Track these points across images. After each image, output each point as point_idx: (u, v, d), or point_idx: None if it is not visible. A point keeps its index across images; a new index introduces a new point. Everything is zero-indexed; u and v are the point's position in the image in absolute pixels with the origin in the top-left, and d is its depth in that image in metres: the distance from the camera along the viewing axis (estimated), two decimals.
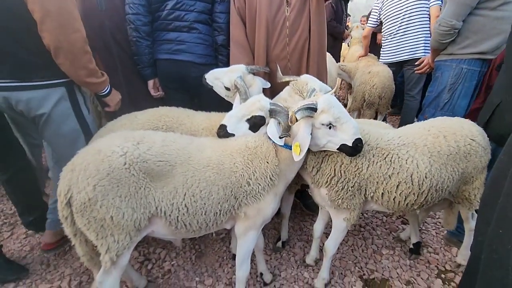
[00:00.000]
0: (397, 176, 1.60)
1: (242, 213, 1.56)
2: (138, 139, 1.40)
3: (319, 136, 1.51)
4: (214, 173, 1.46)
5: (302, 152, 1.44)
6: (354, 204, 1.67)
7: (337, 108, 1.46)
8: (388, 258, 2.27)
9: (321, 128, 1.49)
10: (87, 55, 1.75)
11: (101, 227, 1.33)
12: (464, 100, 2.41)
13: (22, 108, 1.73)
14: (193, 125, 1.88)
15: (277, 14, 2.13)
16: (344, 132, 1.47)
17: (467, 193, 1.79)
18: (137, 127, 1.81)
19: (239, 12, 2.18)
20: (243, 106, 1.66)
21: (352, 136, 1.47)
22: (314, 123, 1.48)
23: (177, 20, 2.24)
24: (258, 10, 2.13)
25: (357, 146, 1.48)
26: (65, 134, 1.86)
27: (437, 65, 2.54)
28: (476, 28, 2.23)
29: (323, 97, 1.48)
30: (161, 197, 1.40)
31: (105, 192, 1.27)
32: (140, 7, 2.19)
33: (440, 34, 2.31)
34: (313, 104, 1.44)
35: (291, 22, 2.13)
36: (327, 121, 1.46)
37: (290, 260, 2.26)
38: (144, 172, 1.34)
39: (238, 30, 2.19)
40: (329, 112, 1.44)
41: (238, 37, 2.20)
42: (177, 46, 2.28)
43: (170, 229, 1.48)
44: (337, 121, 1.46)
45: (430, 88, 2.60)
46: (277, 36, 2.16)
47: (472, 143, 1.67)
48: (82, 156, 1.33)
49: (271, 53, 2.20)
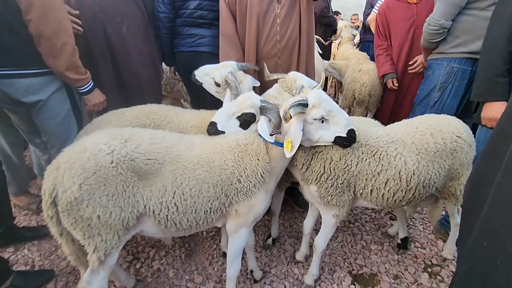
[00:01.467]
0: (385, 173, 1.62)
1: (233, 211, 1.56)
2: (125, 136, 1.37)
3: (312, 131, 1.52)
4: (204, 171, 1.45)
5: (293, 148, 1.44)
6: (343, 201, 1.68)
7: (327, 102, 1.47)
8: (376, 254, 2.31)
9: (314, 123, 1.49)
10: (68, 47, 1.79)
11: (88, 226, 1.31)
12: (454, 100, 2.44)
13: (20, 95, 1.83)
14: (181, 123, 1.86)
15: (268, 10, 2.12)
16: (337, 124, 1.49)
17: (453, 188, 1.83)
18: (125, 124, 1.78)
19: (229, 6, 2.16)
20: (233, 103, 1.65)
21: (345, 128, 1.48)
22: (306, 119, 1.49)
23: (199, 19, 2.50)
24: (249, 6, 2.11)
25: (351, 136, 1.49)
26: (60, 121, 1.99)
27: (429, 64, 2.57)
28: (466, 28, 2.26)
29: (312, 92, 1.49)
30: (150, 196, 1.38)
31: (91, 191, 1.24)
32: (168, 6, 2.47)
33: (429, 33, 2.34)
34: (304, 100, 1.44)
35: (281, 19, 2.12)
36: (319, 115, 1.46)
37: (280, 256, 2.27)
38: (132, 171, 1.31)
39: (228, 25, 2.17)
40: (320, 106, 1.45)
41: (228, 32, 2.18)
42: (199, 40, 2.53)
43: (160, 228, 1.46)
44: (329, 114, 1.47)
45: (421, 87, 2.64)
46: (267, 32, 2.15)
47: (458, 140, 1.70)
48: (67, 154, 1.29)
49: (262, 49, 2.19)
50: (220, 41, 2.22)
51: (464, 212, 1.10)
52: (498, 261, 0.77)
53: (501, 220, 0.79)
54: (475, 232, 0.90)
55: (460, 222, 1.16)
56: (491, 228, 0.82)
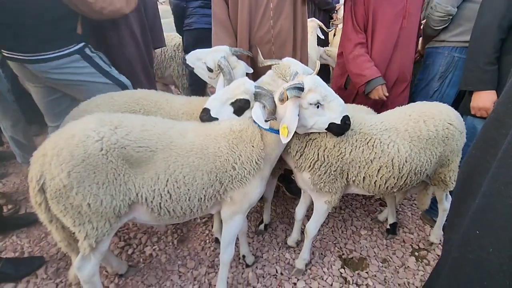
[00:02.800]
0: (378, 160, 1.63)
1: (228, 198, 1.55)
2: (115, 123, 1.33)
3: (306, 116, 1.50)
4: (197, 158, 1.42)
5: (290, 134, 1.42)
6: (336, 188, 1.70)
7: (323, 87, 1.46)
8: (366, 238, 2.36)
9: (309, 108, 1.48)
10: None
11: (78, 214, 1.29)
12: (453, 89, 2.39)
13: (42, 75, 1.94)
14: (172, 110, 1.82)
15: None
16: (332, 110, 1.48)
17: (443, 175, 1.87)
18: (113, 109, 1.73)
19: None
20: (227, 89, 1.61)
21: (340, 114, 1.48)
22: (302, 104, 1.47)
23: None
24: None
25: (345, 123, 1.49)
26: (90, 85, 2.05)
27: (428, 52, 2.49)
28: (469, 16, 2.15)
29: (308, 77, 1.47)
30: (142, 184, 1.35)
31: (80, 179, 1.21)
32: None
33: (434, 20, 2.24)
34: (300, 84, 1.42)
35: (275, 4, 2.04)
36: (315, 100, 1.45)
37: (272, 242, 2.30)
38: (122, 159, 1.28)
39: (220, 9, 2.10)
40: (316, 90, 1.44)
41: (220, 16, 2.10)
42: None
43: (153, 215, 1.45)
44: (325, 99, 1.47)
45: (420, 76, 2.56)
46: (260, 17, 2.07)
47: (450, 127, 1.72)
48: (54, 141, 1.24)
49: (255, 35, 2.13)
50: (213, 26, 2.15)
51: (456, 200, 1.12)
52: (491, 249, 0.79)
53: (496, 210, 0.80)
54: (468, 221, 0.91)
55: (450, 209, 1.18)
56: (485, 218, 0.83)
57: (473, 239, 0.86)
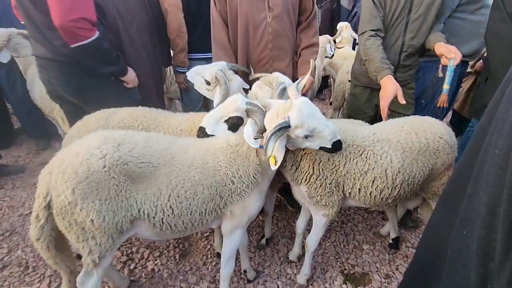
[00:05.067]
0: (372, 171, 1.67)
1: (228, 212, 1.58)
2: (118, 140, 1.39)
3: (297, 142, 1.53)
4: (198, 173, 1.47)
5: (277, 163, 1.45)
6: (333, 201, 1.72)
7: (311, 119, 1.41)
8: (368, 253, 2.35)
9: (298, 138, 1.48)
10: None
11: (82, 230, 1.33)
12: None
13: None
14: (170, 127, 1.89)
15: (259, 19, 2.10)
16: (322, 139, 1.48)
17: (436, 188, 1.89)
18: (112, 124, 1.81)
19: (221, 14, 2.17)
20: (220, 107, 1.67)
21: (329, 141, 1.48)
22: (290, 135, 1.47)
23: None
24: (240, 15, 2.10)
25: (336, 147, 1.51)
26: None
27: (420, 66, 2.58)
28: (455, 31, 2.27)
29: (295, 110, 1.41)
30: (144, 200, 1.40)
31: (84, 195, 1.26)
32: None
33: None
34: (286, 123, 1.38)
35: (273, 28, 2.11)
36: (303, 135, 1.45)
37: (274, 256, 2.30)
38: (124, 175, 1.33)
39: (220, 32, 2.19)
40: (303, 126, 1.41)
41: (221, 39, 2.20)
42: None
43: (155, 230, 1.48)
44: (313, 131, 1.44)
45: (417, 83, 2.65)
46: (258, 41, 2.15)
47: (441, 141, 1.76)
48: (60, 159, 1.31)
49: (254, 57, 2.21)
50: (213, 47, 2.25)
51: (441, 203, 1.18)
52: (472, 246, 0.84)
53: (475, 210, 0.85)
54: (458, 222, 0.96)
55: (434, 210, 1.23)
56: (469, 218, 0.88)
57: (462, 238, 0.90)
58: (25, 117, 3.93)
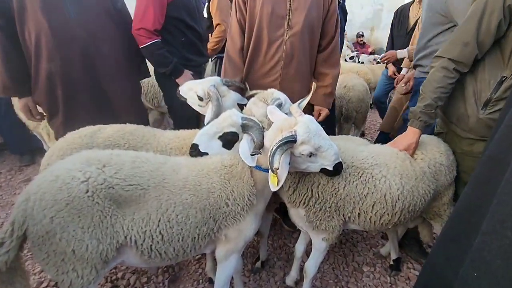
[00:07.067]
0: (372, 196, 1.59)
1: (223, 236, 1.49)
2: (103, 161, 1.28)
3: (299, 162, 1.44)
4: (191, 195, 1.37)
5: (280, 183, 1.35)
6: (333, 226, 1.64)
7: (317, 137, 1.37)
8: (368, 276, 2.25)
9: (301, 156, 1.41)
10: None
11: (62, 261, 1.21)
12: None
13: None
14: (159, 145, 1.79)
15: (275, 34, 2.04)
16: (325, 159, 1.42)
17: (437, 208, 1.84)
18: (97, 141, 1.70)
19: (240, 22, 2.10)
20: (214, 123, 1.58)
21: (332, 162, 1.42)
22: (294, 152, 1.40)
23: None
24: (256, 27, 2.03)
25: (337, 170, 1.45)
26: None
27: (418, 81, 2.59)
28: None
29: (302, 126, 1.37)
30: (131, 225, 1.29)
31: (64, 224, 1.15)
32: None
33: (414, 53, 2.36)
34: (292, 137, 1.33)
35: (288, 46, 2.03)
36: (308, 152, 1.38)
37: (270, 281, 2.18)
38: (110, 199, 1.23)
39: (234, 44, 2.12)
40: (309, 143, 1.36)
41: (232, 53, 2.13)
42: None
43: (143, 258, 1.37)
44: (318, 150, 1.39)
45: (411, 103, 2.65)
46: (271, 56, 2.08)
47: (436, 164, 1.71)
48: (37, 184, 1.19)
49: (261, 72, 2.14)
50: (224, 61, 2.19)
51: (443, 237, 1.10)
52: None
53: (492, 250, 0.77)
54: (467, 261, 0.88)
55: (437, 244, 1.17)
56: (483, 258, 0.80)
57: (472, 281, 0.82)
58: (8, 132, 3.77)
